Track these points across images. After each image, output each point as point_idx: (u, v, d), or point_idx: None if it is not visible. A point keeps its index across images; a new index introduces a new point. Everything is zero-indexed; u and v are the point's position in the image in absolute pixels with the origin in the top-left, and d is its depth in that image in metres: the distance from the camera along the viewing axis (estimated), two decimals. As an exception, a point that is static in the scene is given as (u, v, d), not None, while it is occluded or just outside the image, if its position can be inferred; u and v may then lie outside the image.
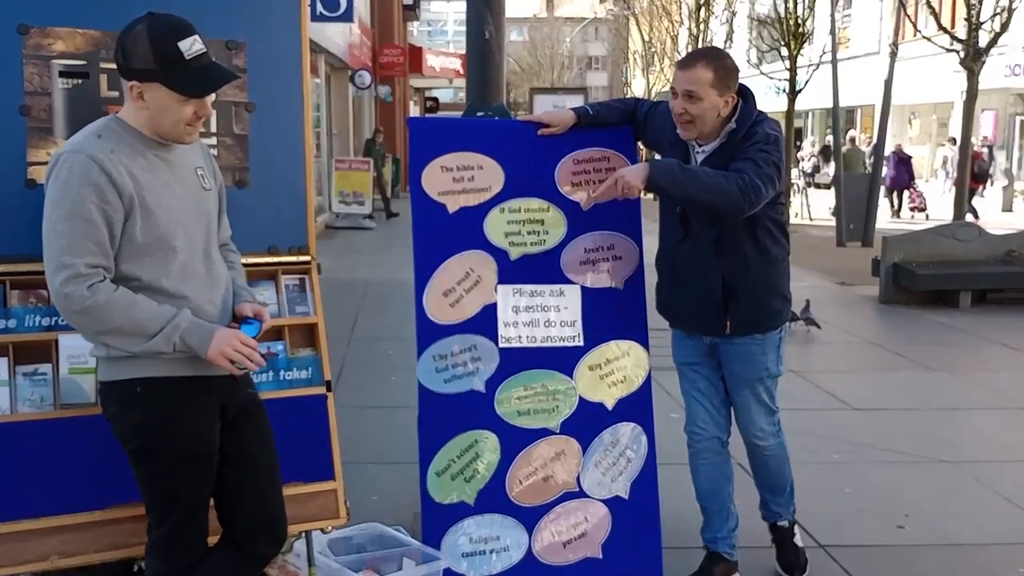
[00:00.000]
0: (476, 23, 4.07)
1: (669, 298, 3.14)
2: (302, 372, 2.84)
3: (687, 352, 3.16)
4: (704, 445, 3.14)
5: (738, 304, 2.96)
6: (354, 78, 19.07)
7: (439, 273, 3.00)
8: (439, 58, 31.43)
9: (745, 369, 3.06)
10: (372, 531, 3.02)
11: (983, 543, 3.61)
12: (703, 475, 3.17)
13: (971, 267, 8.68)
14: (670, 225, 3.07)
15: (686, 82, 2.83)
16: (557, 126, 3.06)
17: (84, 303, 2.03)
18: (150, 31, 2.07)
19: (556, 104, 11.44)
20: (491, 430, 3.03)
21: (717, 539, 3.18)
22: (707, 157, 2.92)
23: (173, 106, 2.12)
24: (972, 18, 11.49)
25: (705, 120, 2.85)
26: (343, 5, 13.83)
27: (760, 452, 3.17)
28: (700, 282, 2.99)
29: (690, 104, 2.83)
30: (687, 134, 2.91)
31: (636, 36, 30.90)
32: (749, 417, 3.12)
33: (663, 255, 3.15)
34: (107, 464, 2.46)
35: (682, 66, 2.90)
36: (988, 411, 5.42)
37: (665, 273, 3.14)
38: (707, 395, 3.13)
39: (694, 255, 3.00)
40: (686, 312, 3.10)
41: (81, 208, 2.02)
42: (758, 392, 3.09)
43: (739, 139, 2.87)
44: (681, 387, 3.20)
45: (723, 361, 3.10)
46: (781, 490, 3.25)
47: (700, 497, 3.21)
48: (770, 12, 18.26)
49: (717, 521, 3.19)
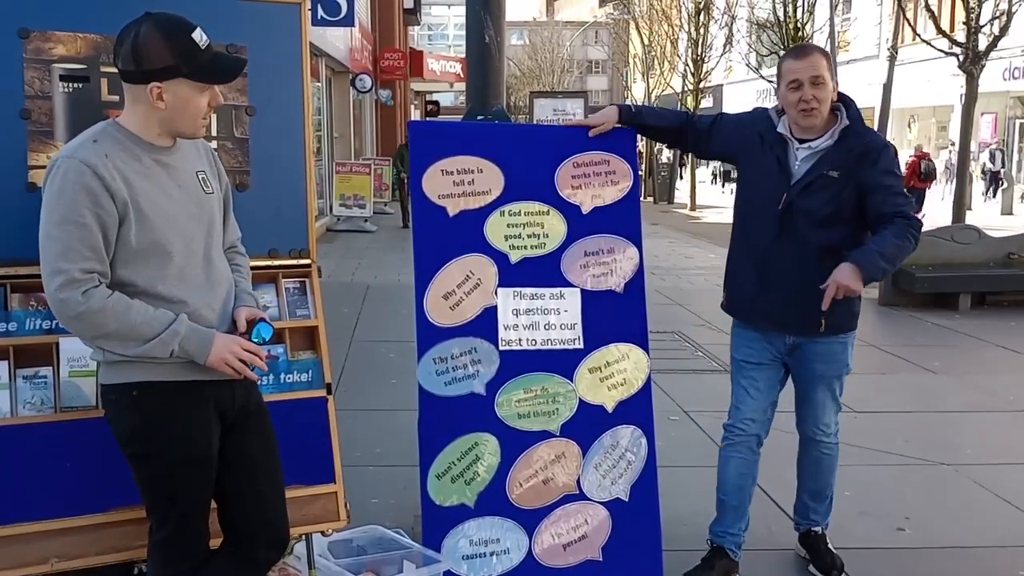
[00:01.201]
0: (476, 27, 4.09)
1: (753, 297, 3.12)
2: (302, 375, 2.84)
3: (758, 352, 3.17)
4: (743, 440, 3.19)
5: (833, 304, 2.97)
6: (355, 82, 19.11)
7: (439, 276, 3.01)
8: (439, 62, 31.48)
9: (827, 367, 3.14)
10: (372, 534, 3.02)
11: (984, 546, 3.61)
12: (733, 469, 3.22)
13: (970, 270, 8.69)
14: (763, 223, 3.06)
15: (811, 69, 2.92)
16: (604, 123, 3.12)
17: (79, 308, 2.03)
18: (160, 28, 2.07)
19: (556, 108, 11.45)
20: (491, 432, 3.03)
21: (727, 535, 3.23)
22: (822, 155, 2.98)
23: (193, 100, 2.13)
24: (971, 22, 11.49)
25: (827, 105, 2.95)
26: (344, 9, 13.86)
27: (820, 448, 3.24)
28: (799, 281, 2.99)
29: (817, 90, 2.92)
30: (812, 120, 2.96)
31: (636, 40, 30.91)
32: (820, 413, 3.20)
33: (747, 254, 3.13)
34: (107, 467, 2.46)
35: (798, 56, 2.99)
36: (988, 414, 5.41)
37: (749, 272, 3.12)
38: (764, 394, 3.18)
39: (793, 255, 3.00)
40: (775, 311, 3.08)
41: (75, 213, 2.03)
42: (834, 388, 3.19)
43: (855, 142, 2.96)
44: (735, 381, 3.22)
45: (802, 361, 3.14)
46: (824, 496, 3.32)
47: (722, 490, 3.25)
48: (769, 16, 18.29)
49: (731, 517, 3.23)
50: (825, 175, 2.96)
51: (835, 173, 2.96)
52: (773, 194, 3.01)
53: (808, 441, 3.27)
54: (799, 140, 3.01)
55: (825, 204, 2.96)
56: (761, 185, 3.06)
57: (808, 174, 2.98)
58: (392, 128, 25.72)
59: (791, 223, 2.99)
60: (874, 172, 2.95)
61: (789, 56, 3.06)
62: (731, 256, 3.23)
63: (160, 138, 2.18)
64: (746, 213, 3.15)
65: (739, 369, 3.22)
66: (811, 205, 2.96)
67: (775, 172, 3.02)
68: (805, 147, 3.01)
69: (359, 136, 21.69)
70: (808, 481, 3.33)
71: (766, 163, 3.04)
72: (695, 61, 23.24)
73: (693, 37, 23.26)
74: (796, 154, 3.02)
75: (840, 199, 2.96)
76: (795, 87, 2.94)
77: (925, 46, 13.03)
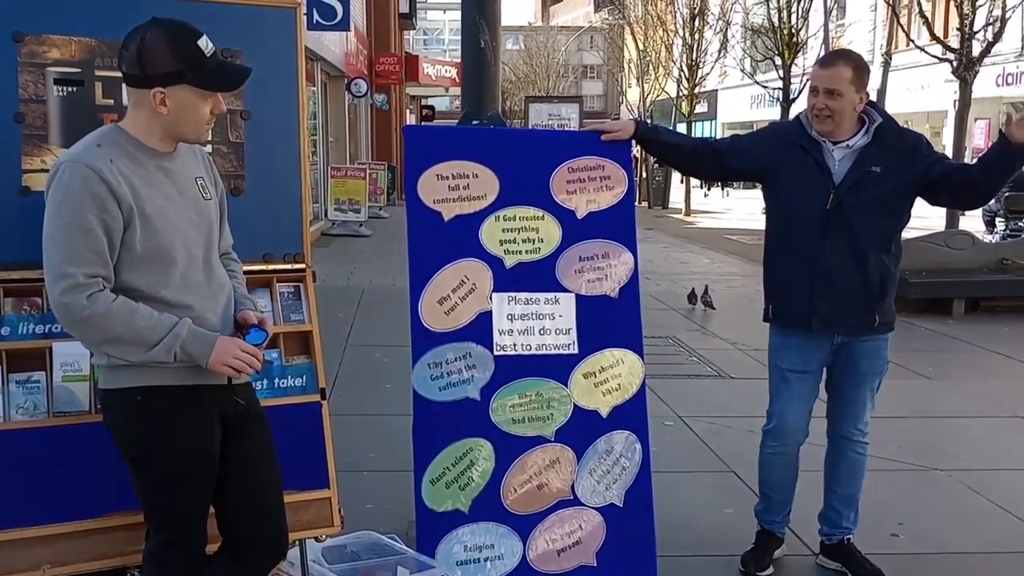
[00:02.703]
0: (471, 32, 4.09)
1: (809, 301, 3.10)
2: (297, 380, 2.84)
3: (806, 359, 3.19)
4: (792, 450, 3.28)
5: (884, 299, 3.11)
6: (350, 86, 19.11)
7: (434, 281, 3.01)
8: (435, 66, 31.50)
9: (872, 365, 3.20)
10: (366, 539, 3.02)
11: (977, 552, 3.62)
12: (779, 472, 3.32)
13: (964, 275, 8.71)
14: (809, 226, 3.08)
15: (828, 80, 3.00)
16: (619, 132, 3.15)
17: (83, 313, 2.03)
18: (167, 34, 2.08)
19: (552, 113, 11.47)
20: (486, 438, 3.03)
21: (775, 522, 3.38)
22: (861, 152, 3.05)
23: (196, 106, 2.13)
24: (965, 28, 11.54)
25: (843, 115, 3.02)
26: (339, 13, 13.86)
27: (855, 450, 3.28)
28: (855, 278, 3.06)
29: (831, 100, 2.99)
30: (824, 127, 3.05)
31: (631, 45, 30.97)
32: (858, 414, 3.25)
33: (796, 259, 3.13)
34: (101, 472, 2.45)
35: (823, 65, 3.08)
36: (982, 419, 5.43)
37: (801, 277, 3.11)
38: (807, 401, 3.24)
39: (846, 252, 3.05)
40: (827, 312, 3.10)
41: (80, 218, 2.02)
42: (874, 387, 3.25)
43: (892, 139, 3.05)
44: (779, 390, 3.24)
45: (849, 359, 3.18)
46: (855, 501, 3.35)
47: (767, 486, 3.37)
48: (764, 22, 18.35)
49: (779, 507, 3.38)
50: (870, 171, 3.03)
51: (878, 168, 3.03)
52: (818, 196, 3.06)
53: (844, 443, 3.29)
54: (833, 142, 3.08)
55: (875, 198, 3.03)
56: (802, 189, 3.10)
57: (852, 172, 3.05)
58: (387, 132, 25.72)
59: (840, 222, 3.04)
60: (921, 157, 3.05)
61: (817, 62, 3.18)
62: (774, 267, 3.23)
63: (162, 143, 2.18)
64: (788, 219, 3.16)
65: (783, 377, 3.23)
66: (862, 201, 3.02)
67: (816, 174, 3.07)
68: (842, 147, 3.07)
69: (354, 140, 21.69)
70: (842, 486, 3.33)
71: (804, 167, 3.09)
72: (690, 66, 23.29)
73: (688, 42, 23.32)
74: (833, 155, 3.08)
75: (887, 192, 3.04)
76: (814, 93, 3.04)
77: (919, 52, 13.10)
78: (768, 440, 3.31)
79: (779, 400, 3.24)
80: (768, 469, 3.35)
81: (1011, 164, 2.91)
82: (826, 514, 3.38)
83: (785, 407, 3.22)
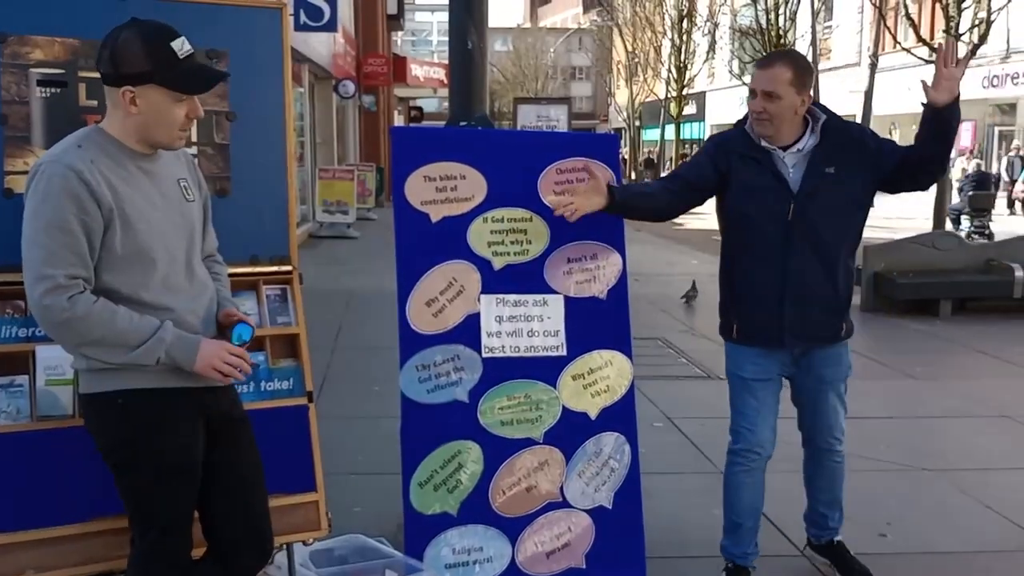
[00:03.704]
0: (459, 33, 4.09)
1: (778, 314, 2.98)
2: (283, 383, 2.82)
3: (767, 367, 3.08)
4: (759, 464, 3.12)
5: (849, 306, 3.05)
6: (338, 87, 19.08)
7: (422, 283, 2.99)
8: (423, 68, 31.48)
9: (835, 371, 3.12)
10: (354, 543, 3.00)
11: (964, 551, 3.63)
12: (748, 492, 3.14)
13: (951, 276, 8.75)
14: (770, 238, 2.96)
15: (766, 82, 2.90)
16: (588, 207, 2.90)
17: (64, 315, 2.01)
18: (141, 34, 2.07)
19: (540, 114, 11.45)
20: (474, 440, 3.02)
21: (747, 555, 3.20)
22: (811, 156, 2.96)
23: (167, 108, 2.10)
24: (951, 30, 11.62)
25: (783, 118, 2.92)
26: (327, 14, 13.83)
27: (832, 459, 3.21)
28: (825, 290, 3.00)
29: (768, 103, 2.89)
30: (763, 130, 2.96)
31: (620, 47, 31.05)
32: (831, 421, 3.16)
33: (760, 273, 3.00)
34: (84, 477, 2.43)
35: (761, 66, 2.97)
36: (969, 419, 5.45)
37: (768, 290, 2.99)
38: (773, 412, 3.12)
39: (812, 261, 2.97)
40: (798, 326, 2.99)
41: (60, 219, 2.00)
42: (841, 392, 3.16)
43: (838, 135, 2.96)
44: (743, 402, 3.10)
45: (810, 368, 3.10)
46: (839, 503, 3.29)
47: (737, 514, 3.16)
48: (752, 24, 18.42)
49: (748, 538, 3.19)
50: (824, 174, 2.95)
51: (831, 169, 2.95)
52: (778, 207, 2.94)
53: (821, 453, 3.19)
54: (783, 148, 2.98)
55: (836, 201, 2.95)
56: (760, 202, 2.97)
57: (808, 178, 2.95)
58: (375, 134, 25.68)
59: (804, 231, 2.94)
60: (870, 151, 2.98)
61: (755, 63, 3.09)
62: (739, 283, 3.07)
63: (140, 145, 2.16)
64: (748, 233, 3.02)
65: (747, 388, 3.09)
66: (824, 207, 2.94)
67: (771, 185, 2.96)
68: (792, 152, 2.98)
69: (342, 142, 21.64)
70: (824, 493, 3.26)
71: (757, 178, 2.97)
72: (678, 68, 23.41)
73: (676, 44, 23.43)
74: (785, 162, 2.98)
75: (847, 192, 2.97)
76: (752, 95, 2.95)
77: (905, 54, 13.16)
78: (737, 459, 3.12)
79: (746, 414, 3.10)
80: (737, 492, 3.14)
81: (946, 126, 2.84)
82: (812, 517, 3.35)
83: (753, 421, 3.08)
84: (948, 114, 2.81)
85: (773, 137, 2.97)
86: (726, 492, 3.19)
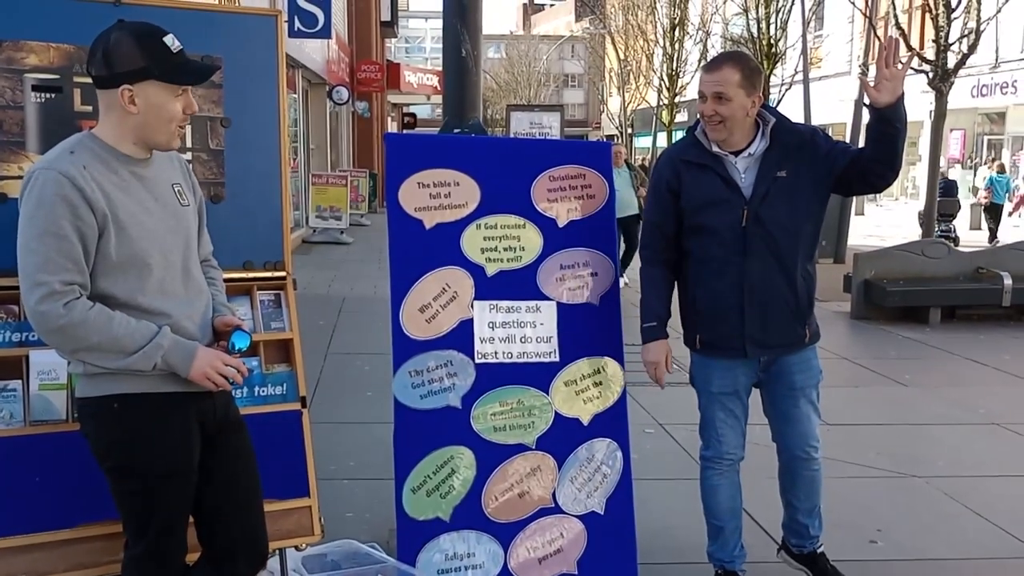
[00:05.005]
0: (453, 40, 4.11)
1: (742, 324, 2.96)
2: (277, 388, 2.83)
3: (734, 380, 3.06)
4: (730, 467, 3.13)
5: (811, 310, 2.99)
6: (332, 94, 19.09)
7: (415, 289, 3.00)
8: (417, 74, 31.54)
9: (805, 377, 3.06)
10: (347, 548, 3.01)
11: (955, 558, 3.65)
12: (724, 495, 3.15)
13: (941, 284, 8.80)
14: (727, 247, 2.92)
15: (715, 84, 2.85)
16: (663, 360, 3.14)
17: (60, 321, 2.01)
18: (132, 33, 2.08)
19: (533, 121, 11.47)
20: (467, 446, 3.02)
21: (734, 558, 3.19)
22: (761, 159, 2.91)
23: (166, 103, 2.11)
24: (940, 40, 11.70)
25: (735, 120, 2.87)
26: (321, 21, 13.85)
27: (809, 467, 3.13)
28: (784, 296, 2.95)
29: (719, 105, 2.85)
30: (717, 135, 2.90)
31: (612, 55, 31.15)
32: (806, 428, 3.09)
33: (718, 280, 2.96)
34: (78, 482, 2.43)
35: (709, 69, 2.92)
36: (959, 426, 5.48)
37: (726, 299, 2.96)
38: (741, 420, 3.11)
39: (772, 267, 2.92)
40: (759, 334, 2.96)
41: (54, 225, 2.01)
42: (813, 398, 3.10)
43: (787, 137, 2.92)
44: (712, 414, 3.11)
45: (779, 375, 3.05)
46: (818, 510, 3.24)
47: (717, 517, 3.17)
48: (743, 32, 18.51)
49: (733, 540, 3.19)
50: (777, 177, 2.90)
51: (783, 172, 2.91)
52: (732, 214, 2.90)
53: (797, 462, 3.14)
54: (734, 153, 2.94)
55: (791, 205, 2.91)
56: (713, 210, 2.92)
57: (760, 182, 2.91)
58: (369, 140, 25.71)
59: (760, 237, 2.90)
60: (821, 152, 2.92)
61: (703, 66, 3.02)
62: (698, 294, 3.02)
63: (136, 149, 2.16)
64: (704, 242, 2.96)
65: (715, 401, 3.10)
66: (778, 212, 2.90)
67: (723, 192, 2.91)
68: (744, 156, 2.94)
69: (336, 148, 21.65)
70: (804, 502, 3.21)
71: (710, 187, 2.92)
72: (670, 76, 23.47)
73: (668, 52, 23.51)
74: (737, 167, 2.94)
75: (801, 196, 2.92)
76: (702, 99, 2.91)
77: (896, 63, 13.19)
78: (709, 464, 3.14)
79: (715, 425, 3.10)
80: (714, 495, 3.15)
81: (892, 127, 2.78)
82: (792, 527, 3.29)
83: (722, 431, 3.10)
84: (891, 115, 2.75)
85: (726, 141, 2.92)
86: (703, 497, 3.20)
